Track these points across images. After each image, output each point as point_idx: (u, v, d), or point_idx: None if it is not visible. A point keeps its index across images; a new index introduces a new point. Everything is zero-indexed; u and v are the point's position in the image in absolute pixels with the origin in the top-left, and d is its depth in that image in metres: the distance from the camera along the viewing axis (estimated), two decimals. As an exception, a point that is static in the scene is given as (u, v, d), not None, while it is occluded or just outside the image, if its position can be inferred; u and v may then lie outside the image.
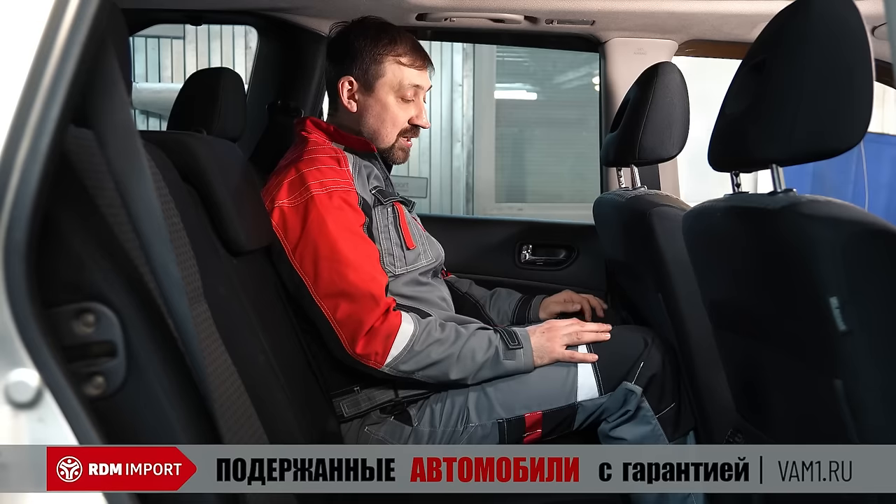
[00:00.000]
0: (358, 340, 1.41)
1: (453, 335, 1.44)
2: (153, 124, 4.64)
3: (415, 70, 1.60)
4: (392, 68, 1.59)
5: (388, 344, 1.41)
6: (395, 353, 1.41)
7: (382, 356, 1.41)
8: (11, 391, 0.62)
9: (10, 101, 0.62)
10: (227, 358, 0.99)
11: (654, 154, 1.66)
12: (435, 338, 1.43)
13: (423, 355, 1.42)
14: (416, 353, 1.42)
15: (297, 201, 1.46)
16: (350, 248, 1.44)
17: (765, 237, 0.96)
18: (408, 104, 1.61)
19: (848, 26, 0.87)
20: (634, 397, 1.45)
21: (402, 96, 1.60)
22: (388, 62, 1.58)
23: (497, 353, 1.44)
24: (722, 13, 1.88)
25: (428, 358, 1.42)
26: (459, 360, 1.43)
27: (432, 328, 1.44)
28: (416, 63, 1.60)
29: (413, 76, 1.60)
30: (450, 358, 1.43)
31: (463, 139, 5.08)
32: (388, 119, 1.60)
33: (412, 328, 1.43)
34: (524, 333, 1.48)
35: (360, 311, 1.41)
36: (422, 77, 1.61)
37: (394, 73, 1.59)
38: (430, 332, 1.43)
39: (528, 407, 1.45)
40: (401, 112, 1.61)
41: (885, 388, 0.82)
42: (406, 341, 1.42)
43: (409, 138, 1.64)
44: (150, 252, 0.69)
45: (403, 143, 1.64)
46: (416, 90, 1.61)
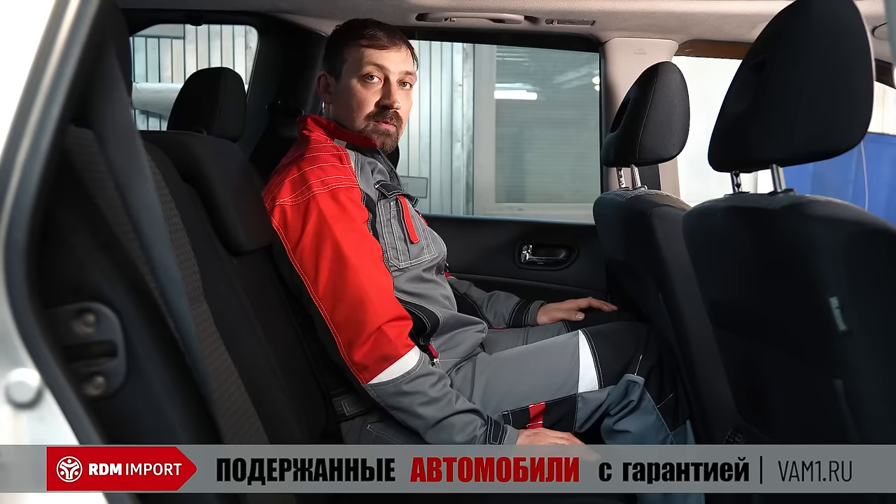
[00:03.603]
0: (354, 346, 1.38)
1: (445, 401, 1.36)
2: (153, 124, 4.64)
3: (374, 49, 1.55)
4: (352, 51, 1.57)
5: (381, 366, 1.37)
6: (384, 378, 1.37)
7: (371, 374, 1.37)
8: (12, 391, 0.62)
9: (10, 101, 0.62)
10: (227, 358, 0.99)
11: (654, 154, 1.67)
12: (427, 392, 1.36)
13: (407, 399, 1.36)
14: (402, 394, 1.36)
15: (299, 200, 1.46)
16: (352, 247, 1.42)
17: (765, 237, 0.96)
18: (373, 85, 1.56)
19: (848, 26, 0.87)
20: (637, 388, 1.47)
21: (364, 77, 1.55)
22: (349, 47, 1.57)
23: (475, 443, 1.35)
24: (722, 13, 1.88)
25: (410, 404, 1.36)
26: (437, 427, 1.35)
27: (432, 380, 1.37)
28: (377, 43, 1.55)
29: (373, 55, 1.55)
30: (428, 420, 1.35)
31: (463, 139, 5.08)
32: (353, 104, 1.57)
33: (412, 364, 1.37)
34: (512, 436, 1.37)
35: (359, 314, 1.39)
36: (385, 56, 1.55)
37: (353, 56, 1.56)
38: (427, 381, 1.36)
39: (532, 398, 1.47)
40: (366, 94, 1.56)
41: (885, 387, 0.82)
42: (399, 374, 1.36)
43: (386, 121, 1.58)
44: (151, 252, 0.69)
45: (378, 127, 1.57)
46: (378, 69, 1.55)
